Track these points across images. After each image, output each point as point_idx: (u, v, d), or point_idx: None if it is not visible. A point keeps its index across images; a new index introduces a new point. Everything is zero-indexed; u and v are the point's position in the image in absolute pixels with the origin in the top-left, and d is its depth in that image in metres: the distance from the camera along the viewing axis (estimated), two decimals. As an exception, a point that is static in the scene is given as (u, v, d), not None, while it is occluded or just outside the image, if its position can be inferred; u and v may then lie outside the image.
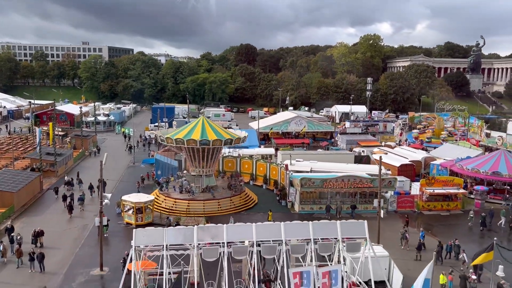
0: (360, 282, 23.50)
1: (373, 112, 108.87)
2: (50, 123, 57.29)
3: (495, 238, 22.05)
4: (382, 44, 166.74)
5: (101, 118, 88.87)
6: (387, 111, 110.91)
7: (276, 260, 22.37)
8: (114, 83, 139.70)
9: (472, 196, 42.57)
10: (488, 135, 67.08)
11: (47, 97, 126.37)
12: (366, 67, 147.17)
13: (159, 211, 37.06)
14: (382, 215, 30.30)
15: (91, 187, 42.38)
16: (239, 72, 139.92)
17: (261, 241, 21.46)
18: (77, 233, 33.22)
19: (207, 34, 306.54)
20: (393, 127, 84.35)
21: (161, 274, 23.99)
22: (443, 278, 24.62)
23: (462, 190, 40.44)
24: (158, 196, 39.34)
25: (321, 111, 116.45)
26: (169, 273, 23.94)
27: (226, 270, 21.43)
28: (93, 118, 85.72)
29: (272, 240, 21.51)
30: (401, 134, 75.36)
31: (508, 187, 43.41)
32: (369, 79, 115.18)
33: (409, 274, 25.34)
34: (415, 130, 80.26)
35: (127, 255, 24.94)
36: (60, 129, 72.95)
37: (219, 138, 37.51)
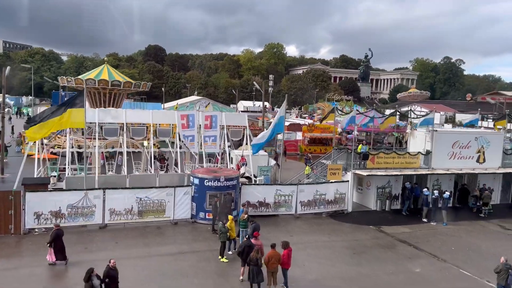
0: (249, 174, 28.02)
1: (274, 108, 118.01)
2: None
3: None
4: (285, 52, 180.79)
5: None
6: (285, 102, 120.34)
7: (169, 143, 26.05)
8: (10, 75, 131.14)
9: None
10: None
11: None
12: (271, 72, 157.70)
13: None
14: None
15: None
16: (147, 70, 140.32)
17: (156, 124, 25.03)
18: (-27, 160, 33.23)
19: (113, 46, 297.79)
20: (290, 115, 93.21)
21: (64, 170, 26.30)
22: (308, 169, 30.30)
23: (336, 136, 47.82)
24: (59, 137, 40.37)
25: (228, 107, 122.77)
26: (75, 169, 26.32)
27: (125, 152, 24.51)
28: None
29: (166, 124, 25.21)
30: (296, 117, 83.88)
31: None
32: (271, 76, 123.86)
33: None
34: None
35: None
36: None
37: (106, 79, 39.25)
